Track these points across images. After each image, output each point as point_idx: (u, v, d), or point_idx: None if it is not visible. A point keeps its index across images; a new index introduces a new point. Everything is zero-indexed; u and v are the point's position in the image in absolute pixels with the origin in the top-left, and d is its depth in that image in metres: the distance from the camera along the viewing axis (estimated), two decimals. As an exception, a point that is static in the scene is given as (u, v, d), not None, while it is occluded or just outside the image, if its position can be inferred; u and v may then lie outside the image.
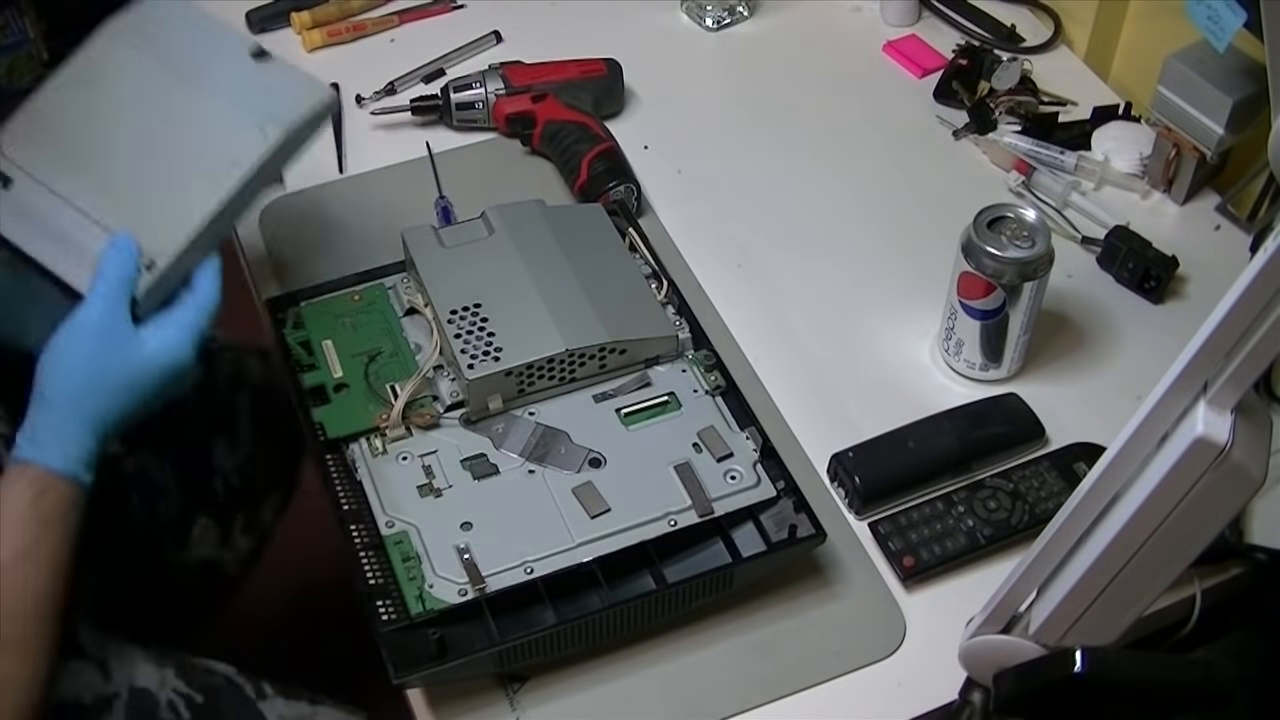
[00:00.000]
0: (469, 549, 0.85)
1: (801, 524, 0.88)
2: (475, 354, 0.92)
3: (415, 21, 1.36)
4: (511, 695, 0.86)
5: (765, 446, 0.92)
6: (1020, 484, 0.95)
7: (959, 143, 1.24)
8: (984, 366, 1.03)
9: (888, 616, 0.90)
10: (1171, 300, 1.10)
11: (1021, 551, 0.74)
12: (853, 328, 1.09)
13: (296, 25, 1.33)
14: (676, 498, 0.89)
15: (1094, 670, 0.66)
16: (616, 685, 0.87)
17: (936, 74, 1.29)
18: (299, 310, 1.01)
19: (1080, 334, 1.08)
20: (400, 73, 1.29)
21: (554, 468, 0.91)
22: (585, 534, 0.87)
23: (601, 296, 0.97)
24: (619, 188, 1.13)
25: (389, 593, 0.84)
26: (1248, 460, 0.63)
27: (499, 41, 1.34)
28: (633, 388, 0.96)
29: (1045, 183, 1.18)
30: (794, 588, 0.91)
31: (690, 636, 0.89)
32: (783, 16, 1.38)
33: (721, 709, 0.86)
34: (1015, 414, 1.00)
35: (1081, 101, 1.26)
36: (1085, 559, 0.68)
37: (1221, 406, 0.62)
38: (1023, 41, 1.33)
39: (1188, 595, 0.90)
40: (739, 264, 1.14)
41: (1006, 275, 0.96)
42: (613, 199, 1.12)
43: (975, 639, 0.75)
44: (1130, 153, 1.19)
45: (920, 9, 1.37)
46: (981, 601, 0.75)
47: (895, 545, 0.92)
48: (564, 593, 0.86)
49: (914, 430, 0.98)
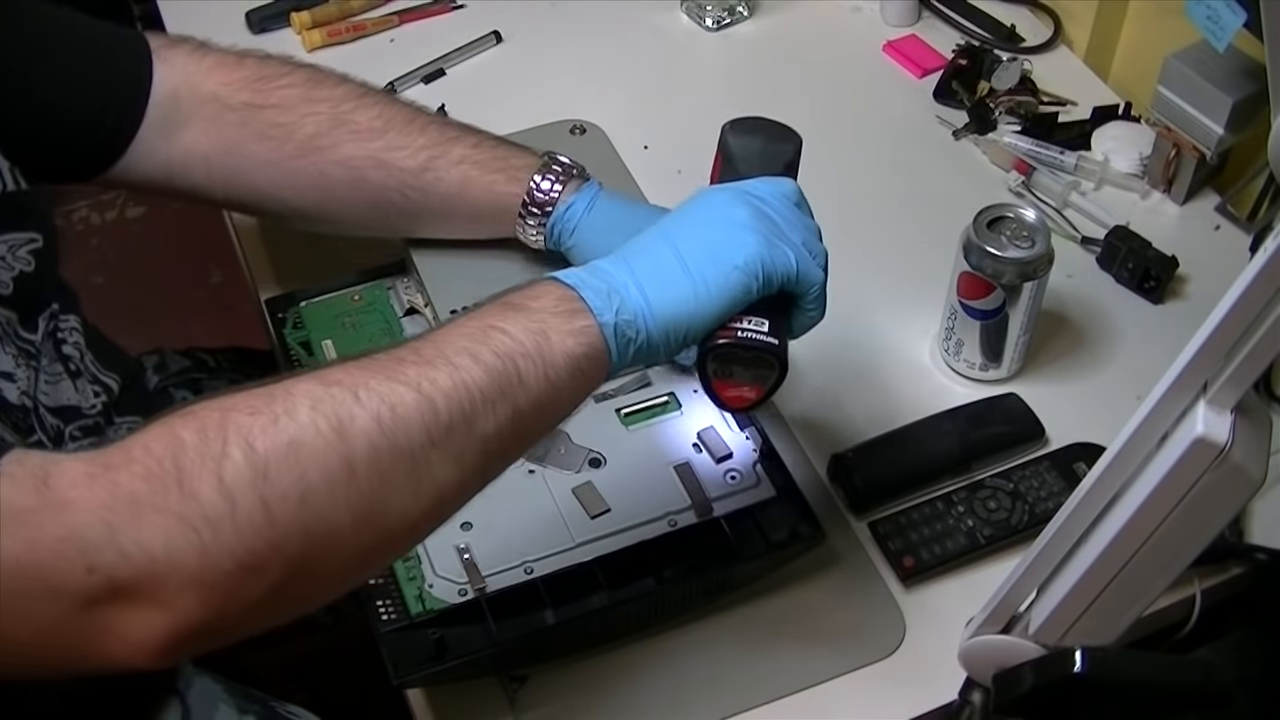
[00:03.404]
0: (469, 549, 0.86)
1: (801, 524, 0.88)
2: (475, 354, 0.92)
3: (415, 21, 1.36)
4: (511, 695, 0.86)
5: (765, 447, 0.92)
6: (1020, 484, 0.95)
7: (959, 143, 1.24)
8: (984, 366, 1.03)
9: (888, 616, 0.90)
10: (1171, 300, 1.10)
11: (1021, 551, 0.74)
12: (853, 328, 1.09)
13: (296, 25, 1.33)
14: (676, 498, 0.89)
15: (1094, 670, 0.66)
16: (616, 685, 0.87)
17: (936, 74, 1.29)
18: (299, 310, 1.01)
19: (1080, 334, 1.08)
20: (400, 73, 1.29)
21: (554, 468, 0.91)
22: (585, 534, 0.87)
23: (601, 296, 0.97)
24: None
25: (389, 593, 0.84)
26: (1248, 460, 0.63)
27: (499, 41, 1.34)
28: (633, 388, 0.96)
29: (1045, 183, 1.18)
30: (794, 588, 0.91)
31: (690, 636, 0.89)
32: (783, 16, 1.38)
33: (721, 709, 0.86)
34: (1015, 414, 1.00)
35: (1081, 101, 1.26)
36: (1085, 559, 0.68)
37: (1221, 406, 0.62)
38: (1023, 41, 1.33)
39: (1188, 595, 0.90)
40: (739, 264, 1.14)
41: (1006, 275, 0.96)
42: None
43: (975, 639, 0.75)
44: (1130, 153, 1.19)
45: (920, 9, 1.37)
46: (981, 601, 0.75)
47: (895, 545, 0.92)
48: (564, 593, 0.86)
49: (914, 430, 0.98)
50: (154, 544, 0.58)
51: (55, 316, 0.89)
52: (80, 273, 1.04)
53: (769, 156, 0.79)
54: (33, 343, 0.86)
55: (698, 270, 0.72)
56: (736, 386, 0.75)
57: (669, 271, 0.72)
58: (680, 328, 0.72)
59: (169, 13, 1.38)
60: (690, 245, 0.73)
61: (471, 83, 1.30)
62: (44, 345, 0.87)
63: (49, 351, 0.87)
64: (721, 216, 0.74)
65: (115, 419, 0.92)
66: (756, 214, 0.74)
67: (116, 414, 0.92)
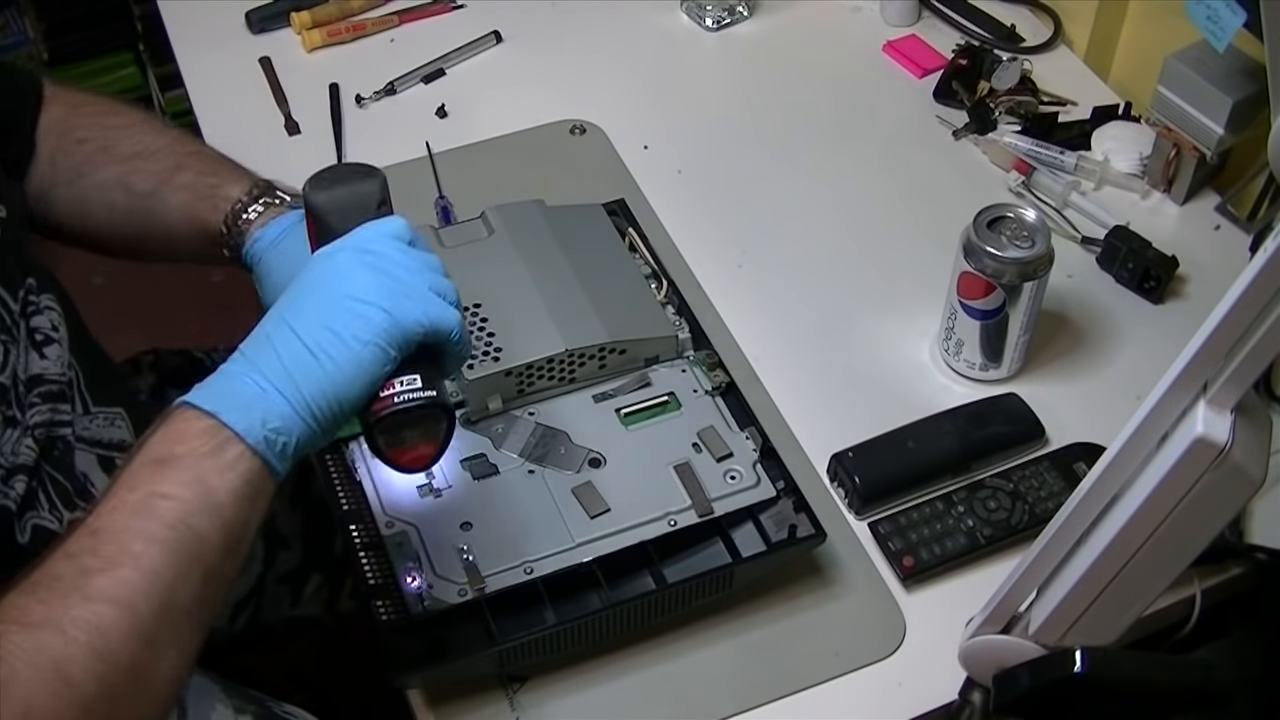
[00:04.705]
0: (469, 549, 0.85)
1: (801, 524, 0.88)
2: (475, 354, 0.92)
3: (415, 21, 1.36)
4: (511, 695, 0.86)
5: (765, 446, 0.92)
6: (1020, 484, 0.95)
7: (959, 143, 1.24)
8: (984, 366, 1.03)
9: (888, 616, 0.90)
10: (1171, 300, 1.10)
11: (1021, 551, 0.74)
12: (853, 327, 1.09)
13: (296, 25, 1.33)
14: (676, 498, 0.89)
15: (1094, 670, 0.66)
16: (616, 685, 0.87)
17: (936, 74, 1.29)
18: (299, 310, 1.00)
19: (1080, 334, 1.08)
20: (400, 73, 1.29)
21: (554, 468, 0.91)
22: (585, 534, 0.87)
23: (601, 296, 0.97)
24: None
25: (389, 593, 0.84)
26: (1248, 460, 0.63)
27: (499, 41, 1.34)
28: (633, 388, 0.96)
29: (1045, 183, 1.18)
30: (794, 588, 0.91)
31: (690, 636, 0.89)
32: (783, 16, 1.38)
33: (721, 709, 0.86)
34: (1015, 414, 1.00)
35: (1081, 101, 1.26)
36: (1085, 559, 0.68)
37: (1221, 406, 0.62)
38: (1023, 41, 1.33)
39: (1188, 595, 0.90)
40: (739, 264, 1.14)
41: (1006, 275, 0.96)
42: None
43: (975, 639, 0.75)
44: (1130, 153, 1.19)
45: (920, 9, 1.37)
46: (981, 601, 0.75)
47: (895, 545, 0.92)
48: (564, 593, 0.86)
49: (914, 430, 0.98)
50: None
51: (31, 292, 0.88)
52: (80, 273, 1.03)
53: (359, 201, 0.75)
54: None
55: (325, 355, 0.69)
56: (413, 449, 0.73)
57: (299, 362, 0.69)
58: (328, 412, 0.70)
59: (169, 13, 1.38)
60: (312, 330, 0.70)
61: (471, 83, 1.30)
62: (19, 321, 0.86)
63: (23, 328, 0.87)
64: (338, 291, 0.71)
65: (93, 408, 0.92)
66: (375, 276, 0.71)
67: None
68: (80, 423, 0.89)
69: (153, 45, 2.26)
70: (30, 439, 0.82)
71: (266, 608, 1.12)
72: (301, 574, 1.14)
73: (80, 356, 0.91)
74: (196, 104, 1.29)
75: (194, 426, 0.68)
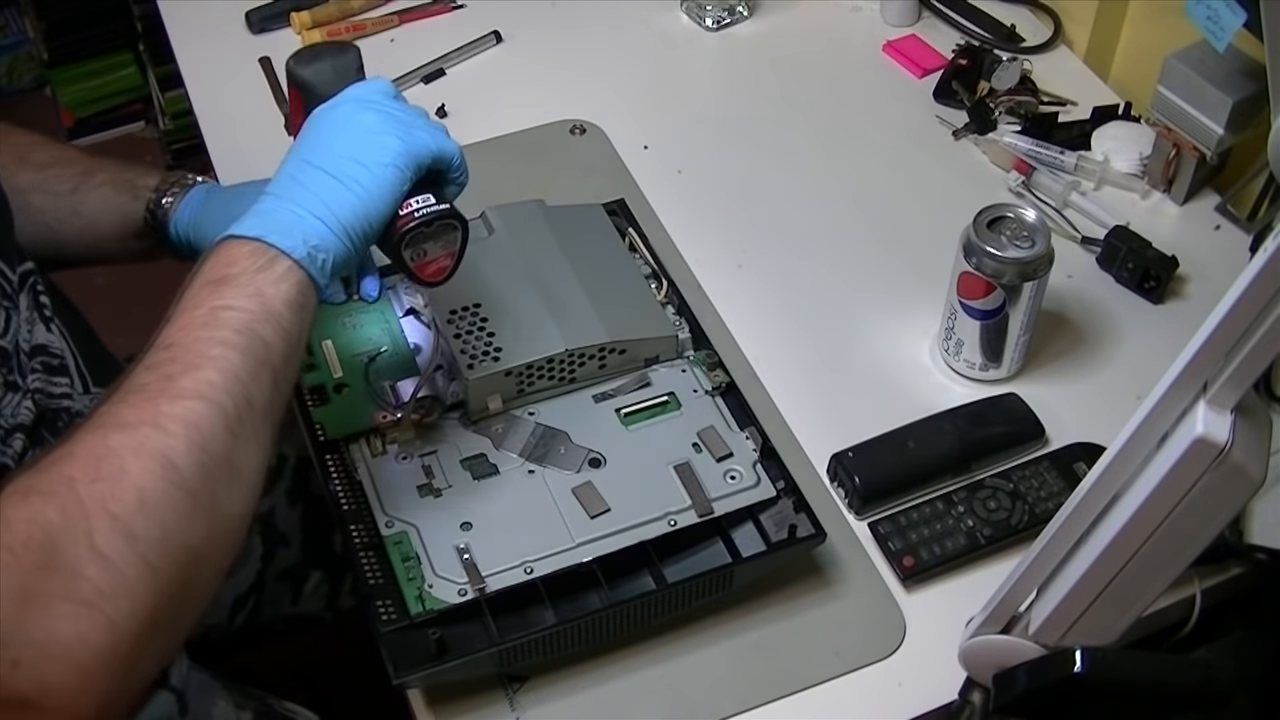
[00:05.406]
0: (469, 549, 0.85)
1: (801, 524, 0.88)
2: (475, 354, 0.92)
3: (415, 21, 1.36)
4: (511, 695, 0.86)
5: (765, 446, 0.92)
6: (1020, 484, 0.95)
7: (959, 143, 1.24)
8: (984, 366, 1.03)
9: (888, 616, 0.90)
10: (1171, 300, 1.10)
11: (1021, 551, 0.74)
12: (853, 328, 1.09)
13: (296, 25, 1.33)
14: (676, 498, 0.89)
15: (1094, 670, 0.66)
16: (616, 685, 0.87)
17: (936, 74, 1.29)
18: (299, 310, 1.00)
19: (1080, 334, 1.08)
20: (400, 73, 1.29)
21: (554, 468, 0.91)
22: (585, 534, 0.87)
23: (601, 296, 0.97)
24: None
25: (389, 593, 0.84)
26: (1248, 460, 0.63)
27: (499, 41, 1.34)
28: (633, 388, 0.96)
29: (1045, 183, 1.18)
30: (794, 588, 0.91)
31: (690, 636, 0.89)
32: (783, 16, 1.38)
33: (721, 709, 0.86)
34: (1015, 414, 1.00)
35: (1081, 101, 1.26)
36: (1085, 559, 0.68)
37: (1221, 406, 0.62)
38: (1023, 41, 1.33)
39: (1188, 595, 0.90)
40: (739, 264, 1.14)
41: (1006, 275, 0.96)
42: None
43: (975, 639, 0.75)
44: (1130, 153, 1.19)
45: (920, 9, 1.37)
46: (981, 601, 0.75)
47: (895, 545, 0.92)
48: (564, 593, 0.86)
49: (914, 430, 0.98)
50: (63, 633, 0.60)
51: (34, 273, 0.89)
52: (81, 272, 1.04)
53: (342, 70, 0.83)
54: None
55: (351, 180, 0.76)
56: (434, 261, 0.81)
57: (329, 189, 0.76)
58: (360, 230, 0.76)
59: (169, 12, 1.38)
60: (335, 161, 0.76)
61: (471, 83, 1.30)
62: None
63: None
64: (352, 126, 0.78)
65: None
66: (380, 116, 0.78)
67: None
68: (80, 400, 0.90)
69: (153, 45, 2.25)
70: (30, 401, 0.84)
71: (266, 605, 1.12)
72: (301, 571, 1.14)
73: (78, 342, 0.92)
74: (196, 104, 1.29)
75: (243, 249, 0.73)
